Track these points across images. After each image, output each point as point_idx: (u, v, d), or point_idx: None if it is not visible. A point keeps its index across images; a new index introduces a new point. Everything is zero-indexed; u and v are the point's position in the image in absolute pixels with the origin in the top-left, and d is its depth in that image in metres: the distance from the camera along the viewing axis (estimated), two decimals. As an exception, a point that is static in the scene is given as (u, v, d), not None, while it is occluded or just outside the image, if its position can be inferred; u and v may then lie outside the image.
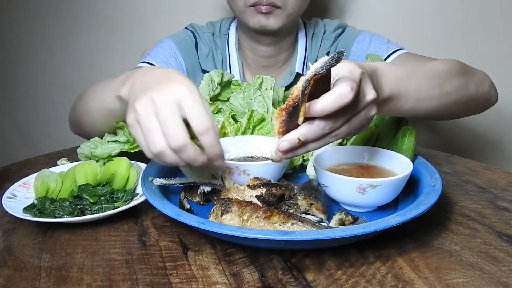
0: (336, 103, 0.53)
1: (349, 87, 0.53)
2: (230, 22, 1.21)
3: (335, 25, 1.19)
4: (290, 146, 0.56)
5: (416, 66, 0.78)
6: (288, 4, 1.02)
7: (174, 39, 1.15)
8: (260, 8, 1.01)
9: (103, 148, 0.86)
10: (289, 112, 0.54)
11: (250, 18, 1.04)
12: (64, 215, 0.70)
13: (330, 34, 1.18)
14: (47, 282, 0.57)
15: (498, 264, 0.59)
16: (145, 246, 0.65)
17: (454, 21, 1.41)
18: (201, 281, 0.56)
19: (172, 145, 0.58)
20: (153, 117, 0.59)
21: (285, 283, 0.55)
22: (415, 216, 0.59)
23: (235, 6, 1.07)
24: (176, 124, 0.58)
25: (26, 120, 1.71)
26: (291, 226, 0.60)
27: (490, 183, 0.85)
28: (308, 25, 1.20)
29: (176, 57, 1.13)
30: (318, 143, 0.58)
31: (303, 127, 0.56)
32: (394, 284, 0.54)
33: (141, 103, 0.60)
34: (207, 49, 1.17)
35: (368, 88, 0.59)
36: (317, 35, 1.19)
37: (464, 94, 0.84)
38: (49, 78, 1.62)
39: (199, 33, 1.18)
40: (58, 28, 1.56)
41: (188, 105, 0.58)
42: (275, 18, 1.03)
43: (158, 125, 0.59)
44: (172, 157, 0.60)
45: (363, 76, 0.58)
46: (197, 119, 0.58)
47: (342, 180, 0.67)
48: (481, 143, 1.53)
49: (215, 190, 0.74)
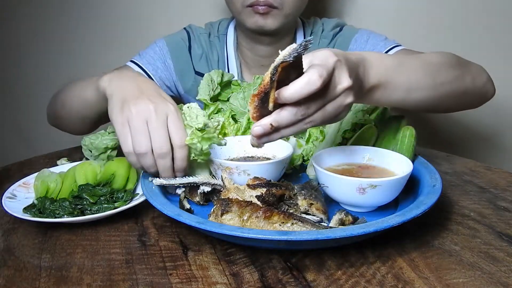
0: (304, 89, 0.54)
1: (317, 74, 0.54)
2: (228, 22, 1.21)
3: (333, 23, 1.19)
4: (263, 131, 0.58)
5: (408, 56, 0.78)
6: (285, 4, 1.02)
7: (167, 40, 1.16)
8: (257, 9, 1.01)
9: (102, 139, 0.86)
10: (261, 98, 0.55)
11: (247, 19, 1.04)
12: (64, 215, 0.70)
13: (328, 33, 1.18)
14: (47, 282, 0.57)
15: (498, 264, 0.59)
16: (145, 246, 0.65)
17: (452, 19, 1.41)
18: (201, 281, 0.56)
19: (158, 151, 0.68)
20: (145, 122, 0.68)
21: (285, 283, 0.55)
22: (415, 216, 0.59)
23: (232, 7, 1.07)
24: (164, 134, 0.69)
25: (26, 120, 1.71)
26: (291, 226, 0.60)
27: (490, 183, 0.85)
28: (307, 24, 1.20)
29: (164, 60, 1.14)
30: (291, 129, 0.59)
31: (276, 113, 0.57)
32: (394, 284, 0.54)
33: (138, 107, 0.69)
34: (200, 50, 1.17)
35: (343, 76, 0.59)
36: (315, 34, 1.19)
37: (459, 86, 0.83)
38: (49, 78, 1.62)
39: (195, 35, 1.19)
40: (58, 28, 1.56)
41: (173, 121, 0.70)
42: (272, 18, 1.03)
43: (147, 130, 0.68)
44: (150, 161, 0.69)
45: (338, 64, 0.58)
46: (178, 134, 0.69)
47: (342, 180, 0.67)
48: (481, 143, 1.53)
49: (215, 190, 0.74)
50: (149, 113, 0.68)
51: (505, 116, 1.48)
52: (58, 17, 1.55)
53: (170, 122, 0.69)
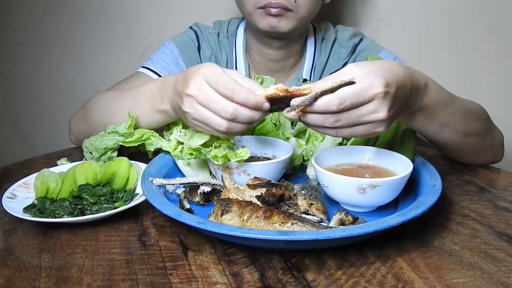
0: (321, 107, 0.61)
1: (337, 101, 0.60)
2: (238, 23, 1.18)
3: (351, 33, 1.15)
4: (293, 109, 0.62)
5: (457, 97, 0.81)
6: (300, 8, 1.00)
7: (176, 41, 1.13)
8: (269, 10, 0.98)
9: (102, 140, 0.86)
10: (285, 97, 0.62)
11: (259, 20, 1.01)
12: (64, 215, 0.70)
13: (346, 43, 1.14)
14: (47, 282, 0.57)
15: (498, 264, 0.59)
16: (145, 246, 0.65)
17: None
18: (201, 281, 0.56)
19: (242, 100, 0.65)
20: (209, 93, 0.67)
21: (285, 283, 0.55)
22: (415, 216, 0.59)
23: (243, 8, 1.04)
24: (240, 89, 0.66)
25: (26, 120, 1.71)
26: (291, 226, 0.60)
27: (490, 183, 0.85)
28: (318, 30, 1.17)
29: (177, 62, 1.11)
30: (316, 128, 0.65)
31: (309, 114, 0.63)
32: (394, 284, 0.54)
33: (191, 88, 0.68)
34: (210, 51, 1.15)
35: (381, 108, 0.61)
36: (327, 41, 1.16)
37: (482, 141, 0.89)
38: (49, 78, 1.62)
39: (203, 34, 1.16)
40: (58, 28, 1.56)
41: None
42: (286, 20, 1.00)
43: (217, 95, 0.67)
44: (246, 112, 0.66)
45: (381, 96, 0.61)
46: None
47: (342, 180, 0.67)
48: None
49: (215, 190, 0.74)
50: (205, 85, 0.68)
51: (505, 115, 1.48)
52: (58, 17, 1.55)
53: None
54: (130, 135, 0.84)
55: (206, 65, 0.70)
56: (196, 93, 0.68)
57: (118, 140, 0.85)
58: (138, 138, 0.84)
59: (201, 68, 0.69)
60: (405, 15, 1.41)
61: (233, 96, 0.65)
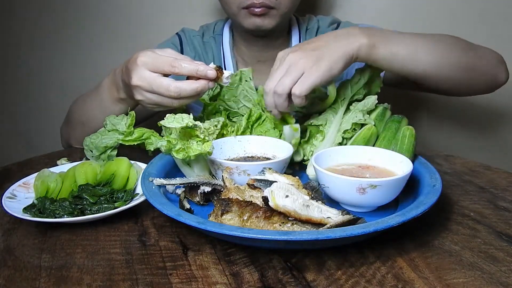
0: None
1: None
2: (224, 22, 1.23)
3: (329, 20, 1.22)
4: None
5: (421, 33, 0.87)
6: (282, 5, 1.04)
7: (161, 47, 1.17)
8: (253, 10, 1.02)
9: (102, 138, 0.86)
10: None
11: (244, 20, 1.05)
12: (64, 215, 0.70)
13: (326, 29, 1.20)
14: (47, 282, 0.57)
15: (498, 264, 0.59)
16: (145, 246, 0.65)
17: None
18: (201, 281, 0.56)
19: (188, 72, 0.78)
20: (151, 79, 0.77)
21: (285, 283, 0.55)
22: (415, 216, 0.59)
23: (228, 9, 1.08)
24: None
25: (26, 120, 1.71)
26: (291, 226, 0.60)
27: (490, 183, 0.85)
28: (302, 21, 1.22)
29: None
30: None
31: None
32: (394, 284, 0.54)
33: (134, 80, 0.78)
34: (193, 53, 1.19)
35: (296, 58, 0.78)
36: (311, 30, 1.21)
37: (466, 59, 0.88)
38: (49, 78, 1.62)
39: (187, 38, 1.20)
40: (58, 28, 1.56)
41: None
42: (270, 19, 1.05)
43: (158, 78, 0.77)
44: (188, 86, 0.77)
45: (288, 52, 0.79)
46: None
47: (342, 180, 0.67)
48: (481, 143, 1.53)
49: (215, 190, 0.74)
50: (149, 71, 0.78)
51: (505, 115, 1.48)
52: (58, 17, 1.55)
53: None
54: (130, 134, 0.84)
55: (141, 53, 0.78)
56: (140, 83, 0.77)
57: (118, 139, 0.85)
58: (138, 137, 0.84)
59: (138, 58, 0.77)
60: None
61: (180, 71, 0.75)
